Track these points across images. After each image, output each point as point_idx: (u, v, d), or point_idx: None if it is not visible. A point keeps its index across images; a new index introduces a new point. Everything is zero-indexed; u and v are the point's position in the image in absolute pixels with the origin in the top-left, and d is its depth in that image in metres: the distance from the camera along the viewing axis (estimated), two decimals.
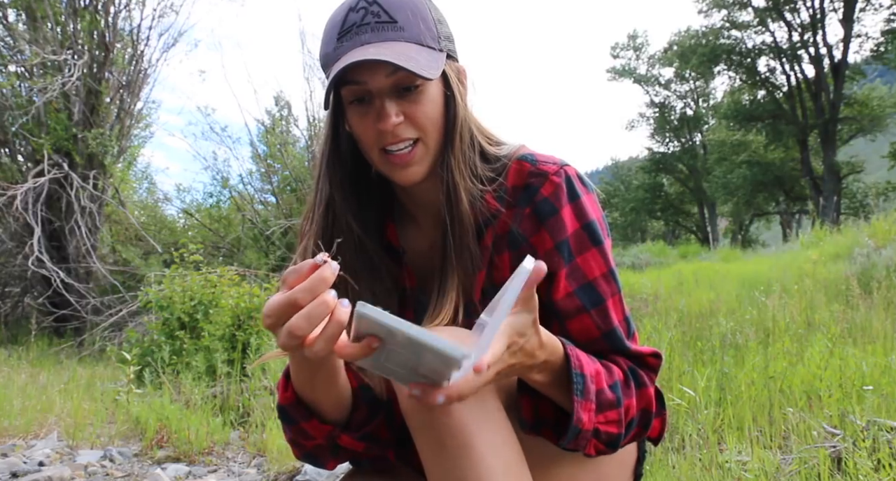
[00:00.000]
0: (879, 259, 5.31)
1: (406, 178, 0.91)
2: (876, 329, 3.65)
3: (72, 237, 7.40)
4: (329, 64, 0.89)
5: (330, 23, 0.91)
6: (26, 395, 3.87)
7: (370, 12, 0.86)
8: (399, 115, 0.87)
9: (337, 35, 0.88)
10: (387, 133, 0.87)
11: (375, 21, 0.86)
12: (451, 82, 0.93)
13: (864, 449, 1.77)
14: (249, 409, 3.43)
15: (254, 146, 8.33)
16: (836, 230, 8.15)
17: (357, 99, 0.89)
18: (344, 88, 0.89)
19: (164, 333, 4.53)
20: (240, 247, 8.02)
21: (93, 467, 2.72)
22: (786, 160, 25.70)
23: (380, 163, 0.93)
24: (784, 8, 23.15)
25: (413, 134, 0.89)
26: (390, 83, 0.87)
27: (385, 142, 0.89)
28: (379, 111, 0.87)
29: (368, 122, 0.89)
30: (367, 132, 0.90)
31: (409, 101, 0.88)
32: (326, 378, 0.84)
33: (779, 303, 4.40)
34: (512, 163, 0.95)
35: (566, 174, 0.92)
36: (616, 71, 32.02)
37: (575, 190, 0.92)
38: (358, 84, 0.87)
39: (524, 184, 0.93)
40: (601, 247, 0.92)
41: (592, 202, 0.94)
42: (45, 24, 7.53)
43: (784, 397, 2.56)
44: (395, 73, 0.85)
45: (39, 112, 7.37)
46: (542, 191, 0.91)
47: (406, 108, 0.88)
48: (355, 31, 0.86)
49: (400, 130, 0.88)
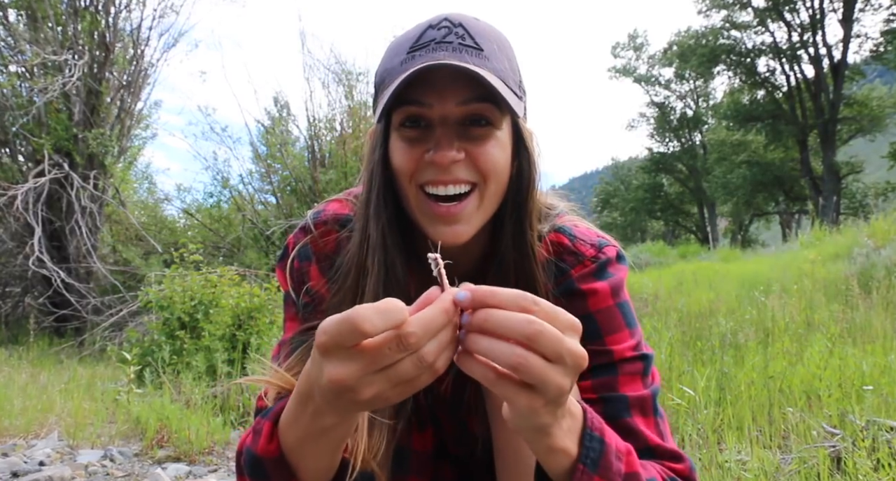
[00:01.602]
0: (879, 259, 5.31)
1: (448, 237, 0.75)
2: (875, 329, 3.65)
3: (72, 237, 7.40)
4: (391, 77, 0.75)
5: (400, 39, 0.78)
6: (27, 395, 3.87)
7: (454, 33, 0.74)
8: (461, 151, 0.73)
9: (409, 48, 0.74)
10: (440, 167, 0.73)
11: (459, 42, 0.73)
12: (525, 137, 0.79)
13: (863, 448, 1.77)
14: (249, 409, 3.43)
15: (254, 146, 8.35)
16: (836, 230, 8.15)
17: (410, 121, 0.75)
18: (399, 110, 0.75)
19: (165, 333, 4.53)
20: (240, 247, 8.02)
21: (93, 467, 2.72)
22: (785, 160, 25.70)
23: (419, 209, 0.77)
24: (784, 8, 23.14)
25: (471, 176, 0.75)
26: (460, 114, 0.74)
27: (430, 177, 0.74)
28: (438, 140, 0.73)
29: (416, 151, 0.75)
30: (409, 162, 0.75)
31: (474, 139, 0.75)
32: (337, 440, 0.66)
33: (778, 302, 4.40)
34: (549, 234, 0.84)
35: (603, 257, 0.82)
36: (617, 70, 32.04)
37: (606, 273, 0.82)
38: (420, 105, 0.73)
39: (556, 259, 0.82)
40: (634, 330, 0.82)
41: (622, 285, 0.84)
42: (45, 25, 7.54)
43: (784, 397, 2.56)
44: (470, 104, 0.73)
45: (40, 112, 7.38)
46: (571, 272, 0.82)
47: (470, 146, 0.74)
48: (433, 47, 0.73)
49: (456, 169, 0.73)
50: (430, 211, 0.75)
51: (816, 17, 22.55)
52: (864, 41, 22.33)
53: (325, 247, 0.87)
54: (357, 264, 0.79)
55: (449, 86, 0.72)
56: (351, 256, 0.80)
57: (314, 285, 0.86)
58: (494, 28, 0.79)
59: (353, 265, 0.79)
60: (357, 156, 7.54)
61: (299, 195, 7.96)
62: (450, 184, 0.74)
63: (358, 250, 0.79)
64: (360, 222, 0.80)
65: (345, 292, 0.79)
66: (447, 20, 0.75)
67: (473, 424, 0.84)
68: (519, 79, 0.79)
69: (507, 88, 0.73)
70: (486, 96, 0.72)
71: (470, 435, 0.84)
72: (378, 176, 0.78)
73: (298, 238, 0.89)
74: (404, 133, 0.75)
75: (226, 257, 7.67)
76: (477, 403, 0.83)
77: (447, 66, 0.69)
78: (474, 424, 0.84)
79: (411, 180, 0.76)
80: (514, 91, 0.75)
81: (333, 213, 0.88)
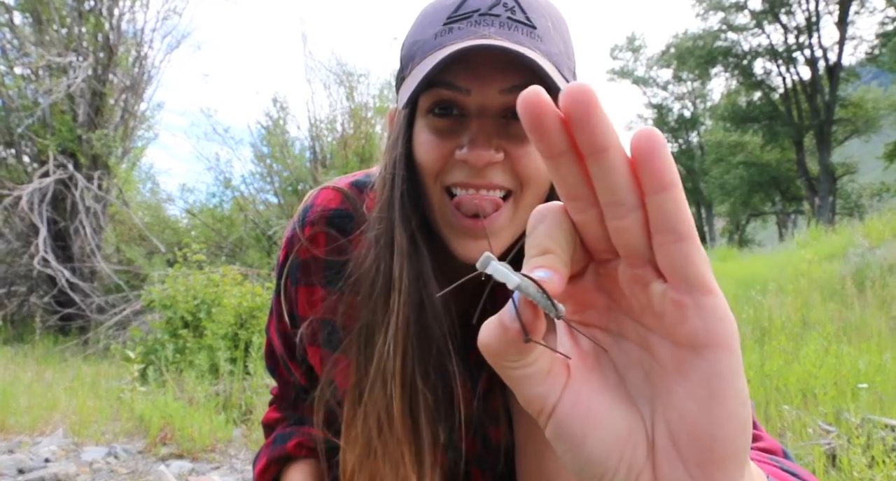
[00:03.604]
0: (874, 258, 5.32)
1: (473, 253, 0.63)
2: (870, 327, 3.67)
3: (76, 237, 7.39)
4: (422, 52, 0.61)
5: (436, 4, 0.63)
6: (32, 393, 3.86)
7: (503, 3, 0.59)
8: (500, 151, 0.60)
9: (446, 17, 0.60)
10: (473, 169, 0.60)
11: (508, 16, 0.59)
12: None
13: (858, 446, 1.79)
14: (252, 407, 3.44)
15: (255, 147, 8.35)
16: (831, 230, 8.16)
17: (441, 108, 0.61)
18: (428, 92, 0.61)
19: (168, 332, 4.54)
20: (242, 247, 8.01)
21: (98, 464, 2.73)
22: (782, 161, 25.72)
23: (442, 217, 0.64)
24: (779, 11, 23.20)
25: (507, 182, 0.61)
26: (502, 104, 0.59)
27: (459, 179, 0.61)
28: (474, 136, 0.59)
29: (446, 146, 0.61)
30: (436, 159, 0.62)
31: (516, 138, 0.60)
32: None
33: (775, 301, 4.41)
34: None
35: None
36: (615, 72, 32.07)
37: None
38: (456, 90, 0.59)
39: None
40: None
41: None
42: (50, 27, 7.52)
43: (780, 395, 2.57)
44: (516, 93, 0.56)
45: (45, 113, 7.36)
46: None
47: (510, 145, 0.60)
48: (476, 19, 0.58)
49: (491, 172, 0.60)
50: (455, 222, 0.63)
51: (812, 20, 22.61)
52: (859, 43, 22.39)
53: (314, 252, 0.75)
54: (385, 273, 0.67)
55: (492, 69, 0.58)
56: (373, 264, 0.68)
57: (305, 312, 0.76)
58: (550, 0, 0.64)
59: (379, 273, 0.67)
60: (358, 156, 7.54)
61: (301, 195, 7.95)
62: (482, 188, 0.60)
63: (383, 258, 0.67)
64: (381, 224, 0.67)
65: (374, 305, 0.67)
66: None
67: (496, 435, 0.75)
68: (573, 65, 0.65)
69: (561, 77, 0.58)
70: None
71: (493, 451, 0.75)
72: (402, 172, 0.65)
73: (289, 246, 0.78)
74: (433, 122, 0.62)
75: (228, 257, 7.65)
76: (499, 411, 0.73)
77: (494, 48, 0.54)
78: (497, 435, 0.75)
79: (436, 180, 0.63)
80: (566, 79, 0.61)
81: (321, 209, 0.76)
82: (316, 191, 0.79)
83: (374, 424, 0.67)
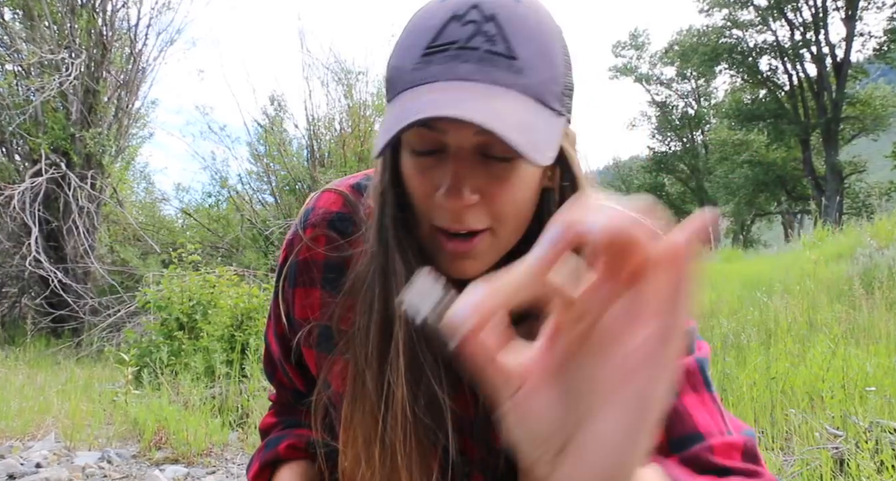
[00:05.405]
0: (882, 259, 5.28)
1: (456, 273, 0.67)
2: (879, 329, 3.64)
3: (69, 237, 7.39)
4: (400, 84, 0.61)
5: (419, 24, 0.62)
6: (24, 396, 3.87)
7: (482, 31, 0.58)
8: (475, 192, 0.61)
9: (425, 47, 0.60)
10: (451, 214, 0.63)
11: (487, 49, 0.58)
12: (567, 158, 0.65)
13: (866, 450, 1.77)
14: (248, 410, 3.44)
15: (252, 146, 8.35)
16: (839, 230, 8.11)
17: (420, 146, 0.63)
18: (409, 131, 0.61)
19: (163, 334, 4.53)
20: (238, 248, 8.02)
21: (90, 468, 2.73)
22: (787, 160, 25.67)
23: (428, 241, 0.68)
24: (786, 7, 23.12)
25: (484, 223, 0.64)
26: (476, 143, 0.61)
27: (441, 223, 0.64)
28: (451, 184, 0.61)
29: (428, 184, 0.64)
30: (422, 196, 0.64)
31: (493, 174, 0.62)
32: None
33: (781, 303, 4.38)
34: None
35: None
36: (618, 69, 32.04)
37: None
38: (431, 130, 0.61)
39: None
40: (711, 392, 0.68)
41: None
42: (42, 23, 7.52)
43: (786, 398, 2.56)
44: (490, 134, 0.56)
45: (37, 111, 7.36)
46: None
47: (486, 185, 0.62)
48: (454, 53, 0.58)
49: (468, 215, 0.62)
50: (439, 244, 0.66)
51: (819, 16, 22.53)
52: (867, 40, 22.31)
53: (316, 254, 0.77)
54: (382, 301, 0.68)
55: None
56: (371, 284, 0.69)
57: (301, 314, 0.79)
58: (539, 12, 0.62)
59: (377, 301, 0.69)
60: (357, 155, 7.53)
61: (298, 195, 7.97)
62: (460, 231, 0.63)
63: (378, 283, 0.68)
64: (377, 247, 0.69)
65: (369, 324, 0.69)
66: (477, 9, 0.59)
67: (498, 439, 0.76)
68: (561, 87, 0.62)
69: (542, 110, 0.59)
70: None
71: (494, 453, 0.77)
72: (391, 201, 0.67)
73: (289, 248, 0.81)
74: (415, 159, 0.64)
75: (224, 257, 7.66)
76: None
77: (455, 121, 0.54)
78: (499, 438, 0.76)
79: (424, 215, 0.66)
80: (553, 109, 0.60)
81: (323, 212, 0.78)
82: (317, 194, 0.81)
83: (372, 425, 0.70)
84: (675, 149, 32.31)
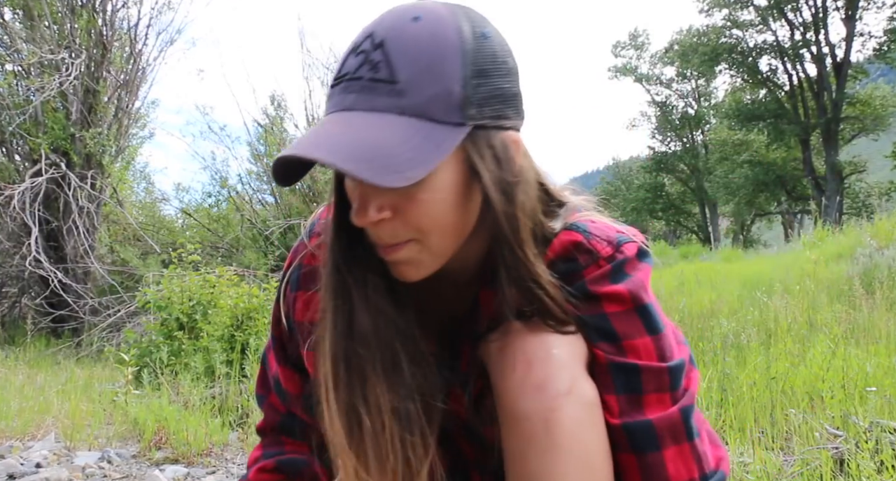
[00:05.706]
0: (882, 259, 5.28)
1: (399, 275, 0.70)
2: (879, 330, 3.63)
3: (69, 237, 7.38)
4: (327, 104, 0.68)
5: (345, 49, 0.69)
6: (24, 396, 3.85)
7: (368, 60, 0.62)
8: (383, 210, 0.64)
9: (332, 81, 0.66)
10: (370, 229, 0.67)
11: (370, 77, 0.61)
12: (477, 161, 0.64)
13: (866, 450, 1.76)
14: (248, 410, 3.42)
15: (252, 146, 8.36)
16: (839, 230, 8.11)
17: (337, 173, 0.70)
18: None
19: (163, 334, 4.52)
20: (238, 248, 8.01)
21: (90, 468, 2.70)
22: (787, 160, 25.66)
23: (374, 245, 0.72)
24: (786, 7, 23.11)
25: (401, 237, 0.66)
26: None
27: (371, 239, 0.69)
28: (358, 205, 0.65)
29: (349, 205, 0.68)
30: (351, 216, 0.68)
31: (400, 193, 0.63)
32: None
33: (781, 303, 4.38)
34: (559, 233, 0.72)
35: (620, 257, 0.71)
36: (617, 69, 32.02)
37: (623, 275, 0.70)
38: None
39: (567, 257, 0.71)
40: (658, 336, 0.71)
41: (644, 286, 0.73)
42: (42, 23, 7.51)
43: (786, 398, 2.55)
44: None
45: (37, 111, 7.35)
46: (584, 273, 0.70)
47: (396, 202, 0.64)
48: (344, 85, 0.63)
49: (381, 231, 0.66)
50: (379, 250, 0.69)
51: (819, 16, 22.52)
52: (867, 40, 22.31)
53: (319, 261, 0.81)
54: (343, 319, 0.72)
55: None
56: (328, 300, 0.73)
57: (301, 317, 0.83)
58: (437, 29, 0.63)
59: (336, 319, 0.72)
60: None
61: (298, 195, 7.97)
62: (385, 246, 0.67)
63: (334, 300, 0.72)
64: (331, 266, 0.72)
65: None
66: (370, 39, 0.63)
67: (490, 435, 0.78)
68: (462, 97, 0.62)
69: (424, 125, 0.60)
70: None
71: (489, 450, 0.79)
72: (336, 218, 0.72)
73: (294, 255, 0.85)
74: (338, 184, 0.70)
75: (224, 257, 7.66)
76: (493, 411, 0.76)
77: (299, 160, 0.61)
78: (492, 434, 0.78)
79: None
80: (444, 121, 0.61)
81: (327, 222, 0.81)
82: (324, 205, 0.85)
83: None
84: (675, 149, 32.31)
